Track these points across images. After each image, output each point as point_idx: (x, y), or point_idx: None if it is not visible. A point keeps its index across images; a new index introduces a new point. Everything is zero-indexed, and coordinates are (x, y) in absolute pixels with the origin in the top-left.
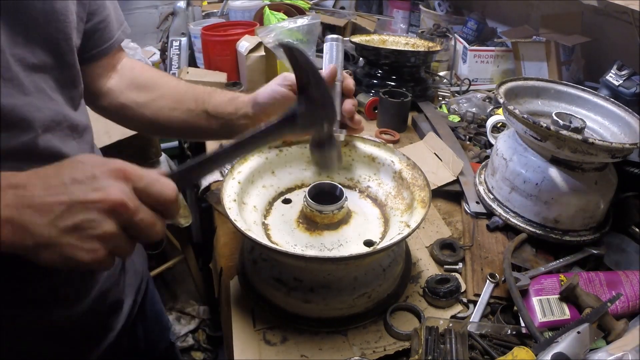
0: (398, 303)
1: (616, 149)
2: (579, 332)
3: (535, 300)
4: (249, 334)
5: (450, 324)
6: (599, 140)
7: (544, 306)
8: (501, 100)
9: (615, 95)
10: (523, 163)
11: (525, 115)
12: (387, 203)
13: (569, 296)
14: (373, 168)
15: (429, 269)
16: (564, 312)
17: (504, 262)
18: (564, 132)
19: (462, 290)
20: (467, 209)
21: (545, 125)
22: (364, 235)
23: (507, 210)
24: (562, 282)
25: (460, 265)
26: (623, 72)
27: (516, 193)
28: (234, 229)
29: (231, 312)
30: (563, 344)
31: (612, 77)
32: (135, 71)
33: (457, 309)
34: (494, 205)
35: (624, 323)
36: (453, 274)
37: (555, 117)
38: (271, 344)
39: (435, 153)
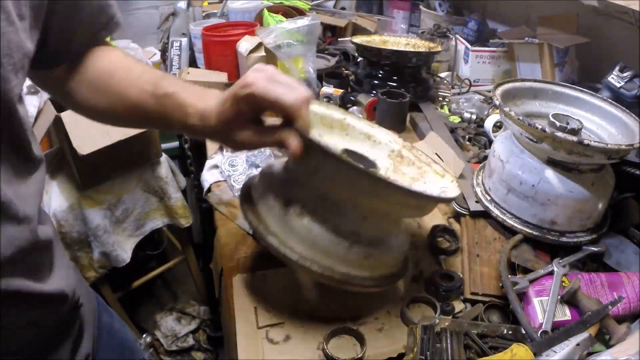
0: (414, 295)
1: (612, 150)
2: (578, 345)
3: (536, 301)
4: (252, 333)
5: (447, 323)
6: (595, 141)
7: (544, 307)
8: (497, 102)
9: (617, 97)
10: (519, 165)
11: (520, 117)
12: (389, 177)
13: (570, 300)
14: (367, 145)
15: (431, 266)
16: (565, 313)
17: (499, 264)
18: (559, 133)
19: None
20: (457, 208)
21: (540, 127)
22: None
23: (504, 211)
24: (563, 284)
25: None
26: (625, 74)
27: (513, 194)
28: (236, 229)
29: (234, 311)
30: (559, 356)
31: (614, 78)
32: (99, 69)
33: (459, 306)
34: (491, 207)
35: (626, 327)
36: (459, 273)
37: (552, 119)
38: (274, 343)
39: (436, 153)
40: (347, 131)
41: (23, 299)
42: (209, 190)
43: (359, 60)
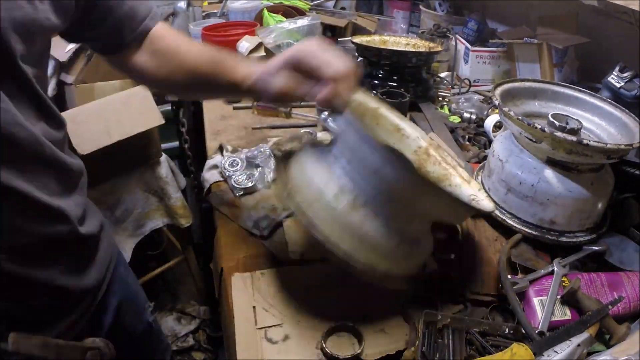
0: (416, 293)
1: (611, 150)
2: (579, 345)
3: (536, 300)
4: (251, 333)
5: (448, 320)
6: (594, 141)
7: (545, 306)
8: (497, 102)
9: (617, 97)
10: (519, 164)
11: (520, 117)
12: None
13: (570, 300)
14: (394, 138)
15: (430, 265)
16: (565, 313)
17: (499, 265)
18: (559, 133)
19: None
20: None
21: (539, 126)
22: None
23: (504, 211)
24: (563, 284)
25: (453, 256)
26: (625, 74)
27: (512, 194)
28: (236, 229)
29: (233, 311)
30: (561, 356)
31: (614, 78)
32: (162, 42)
33: (456, 306)
34: None
35: (626, 327)
36: (457, 273)
37: (551, 119)
38: (273, 342)
39: None
40: (378, 121)
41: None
42: (209, 190)
43: (359, 60)
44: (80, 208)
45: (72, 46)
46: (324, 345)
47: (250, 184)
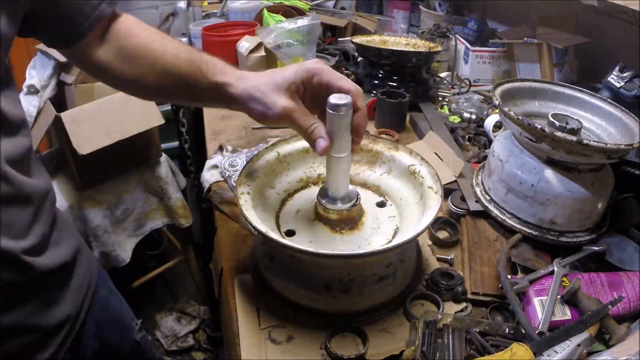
0: (417, 292)
1: (611, 150)
2: (579, 345)
3: (536, 300)
4: (255, 333)
5: (449, 320)
6: (594, 141)
7: (545, 306)
8: (497, 102)
9: (617, 97)
10: (519, 164)
11: (520, 117)
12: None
13: (570, 300)
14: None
15: (432, 264)
16: (565, 313)
17: (498, 265)
18: (559, 133)
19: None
20: (454, 209)
21: (540, 126)
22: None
23: (504, 211)
24: (563, 284)
25: (452, 256)
26: (625, 74)
27: (512, 194)
28: (236, 229)
29: (237, 312)
30: (561, 356)
31: (614, 78)
32: (129, 40)
33: (459, 305)
34: (491, 207)
35: (626, 327)
36: (459, 272)
37: (551, 119)
38: (277, 343)
39: (435, 152)
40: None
41: None
42: (209, 190)
43: (359, 60)
44: (37, 239)
45: None
46: (329, 345)
47: None
